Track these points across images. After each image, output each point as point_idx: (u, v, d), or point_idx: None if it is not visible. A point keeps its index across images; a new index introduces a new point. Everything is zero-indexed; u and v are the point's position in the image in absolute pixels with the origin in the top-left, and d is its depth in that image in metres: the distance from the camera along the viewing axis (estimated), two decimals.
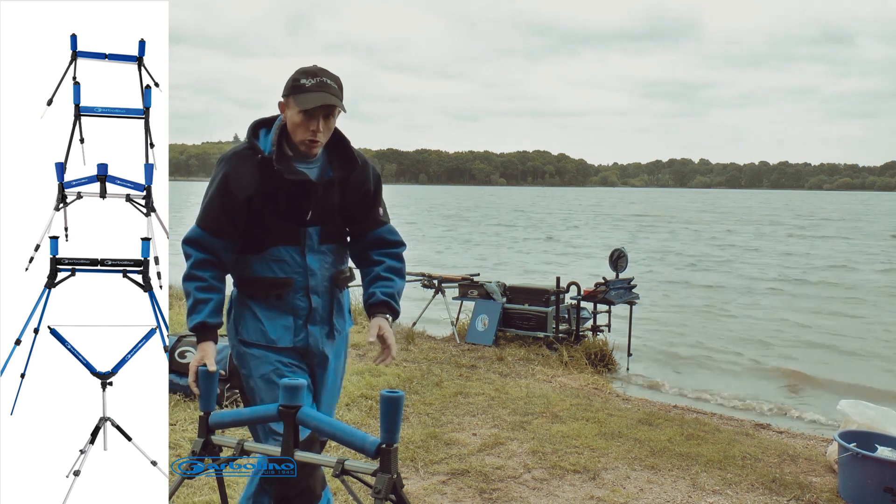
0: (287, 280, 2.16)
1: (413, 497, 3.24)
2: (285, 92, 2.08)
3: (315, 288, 2.19)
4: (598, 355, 6.62)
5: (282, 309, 2.18)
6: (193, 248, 2.14)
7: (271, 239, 2.14)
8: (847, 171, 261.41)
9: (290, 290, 2.17)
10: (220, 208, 2.12)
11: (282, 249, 2.15)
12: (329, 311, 2.24)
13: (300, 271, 2.16)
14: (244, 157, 2.12)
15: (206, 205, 2.15)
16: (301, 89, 2.03)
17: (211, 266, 2.15)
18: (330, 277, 2.22)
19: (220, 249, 2.15)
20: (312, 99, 2.02)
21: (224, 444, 1.88)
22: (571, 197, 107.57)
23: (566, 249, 22.41)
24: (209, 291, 2.14)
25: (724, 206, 74.52)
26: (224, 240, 2.14)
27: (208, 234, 2.13)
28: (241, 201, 2.10)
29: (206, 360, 2.05)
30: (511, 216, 45.36)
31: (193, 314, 2.13)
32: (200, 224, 2.15)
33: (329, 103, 2.03)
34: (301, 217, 2.14)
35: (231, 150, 2.17)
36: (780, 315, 10.98)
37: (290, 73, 2.09)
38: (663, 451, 3.98)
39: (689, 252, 21.95)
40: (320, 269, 2.19)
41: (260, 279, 2.17)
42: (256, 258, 2.16)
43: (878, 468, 3.28)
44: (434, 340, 7.13)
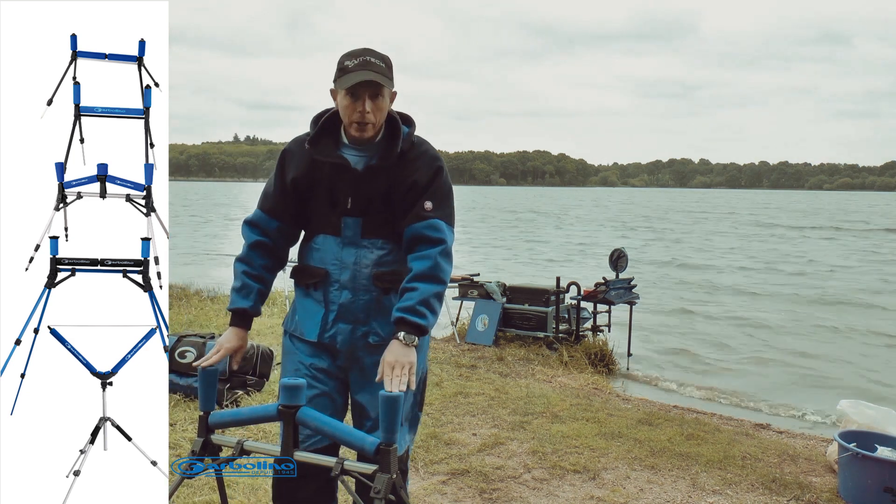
0: (321, 271, 2.10)
1: (413, 497, 3.23)
2: (334, 78, 2.03)
3: (346, 283, 2.08)
4: (598, 355, 6.62)
5: (315, 300, 2.13)
6: (250, 229, 2.17)
7: (315, 226, 2.13)
8: (847, 171, 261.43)
9: (325, 281, 2.10)
10: (275, 190, 2.15)
11: (322, 238, 2.11)
12: (367, 312, 2.08)
13: (336, 263, 2.09)
14: (299, 142, 2.14)
15: (265, 188, 2.20)
16: (345, 71, 1.97)
17: (264, 251, 2.17)
18: (371, 275, 2.07)
19: (276, 233, 2.16)
20: (354, 77, 1.94)
21: (224, 444, 1.88)
22: (567, 196, 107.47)
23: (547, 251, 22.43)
24: (255, 280, 2.15)
25: (719, 205, 74.49)
26: (281, 222, 2.15)
27: (266, 215, 2.16)
28: (290, 183, 2.10)
29: (237, 352, 2.11)
30: (506, 216, 45.36)
31: (237, 297, 2.14)
32: (260, 205, 2.19)
33: (370, 79, 1.94)
34: (340, 205, 2.08)
35: (294, 137, 2.19)
36: (781, 314, 10.99)
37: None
38: (663, 451, 3.98)
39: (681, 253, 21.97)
40: (356, 264, 2.07)
41: (303, 268, 2.15)
42: (307, 246, 2.17)
43: (878, 468, 3.28)
44: (434, 340, 7.13)
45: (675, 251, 22.45)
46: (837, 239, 28.86)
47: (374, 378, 2.01)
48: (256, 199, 2.23)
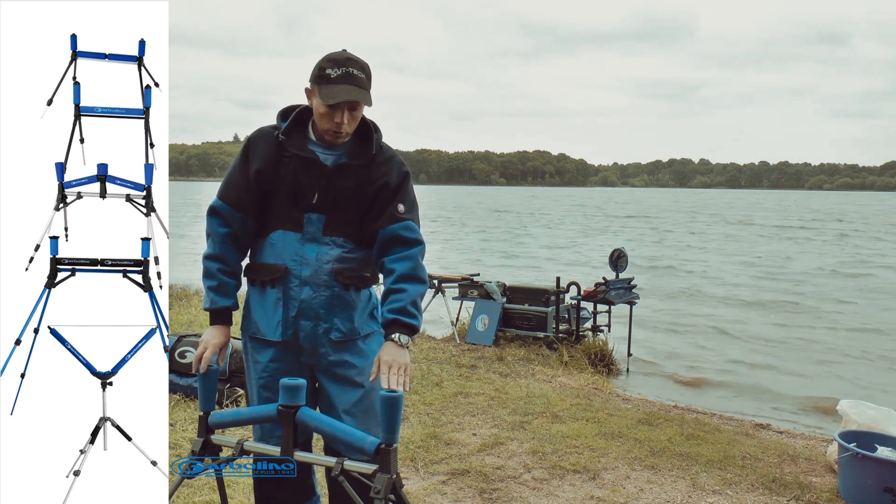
0: (280, 267, 2.07)
1: (413, 497, 3.23)
2: (311, 79, 2.03)
3: (308, 279, 2.06)
4: (598, 355, 6.62)
5: (274, 298, 2.09)
6: (217, 220, 2.12)
7: (274, 222, 2.09)
8: (847, 171, 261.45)
9: (284, 278, 2.07)
10: (238, 180, 2.11)
11: (281, 234, 2.08)
12: (328, 308, 2.08)
13: (296, 259, 2.07)
14: (265, 134, 2.12)
15: (228, 176, 2.15)
16: (326, 80, 1.97)
17: (233, 244, 2.13)
18: (332, 271, 2.07)
19: (240, 226, 2.12)
20: (337, 92, 1.95)
21: (224, 444, 1.88)
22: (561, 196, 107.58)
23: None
24: (231, 276, 2.14)
25: (714, 205, 74.52)
26: (244, 215, 2.11)
27: (231, 207, 2.11)
28: (253, 174, 2.08)
29: (223, 348, 2.09)
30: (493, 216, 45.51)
31: (217, 297, 2.11)
32: (222, 196, 2.13)
33: (354, 99, 1.97)
34: (305, 200, 2.07)
35: (259, 128, 2.17)
36: (784, 313, 11.00)
37: (317, 60, 2.02)
38: (663, 451, 3.98)
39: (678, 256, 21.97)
40: (317, 260, 2.06)
41: (259, 265, 2.11)
42: (261, 242, 2.12)
43: (878, 468, 3.28)
44: (434, 340, 7.13)
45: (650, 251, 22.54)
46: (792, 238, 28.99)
47: (339, 374, 2.12)
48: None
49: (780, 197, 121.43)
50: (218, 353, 2.11)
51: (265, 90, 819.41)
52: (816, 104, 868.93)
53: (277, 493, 2.21)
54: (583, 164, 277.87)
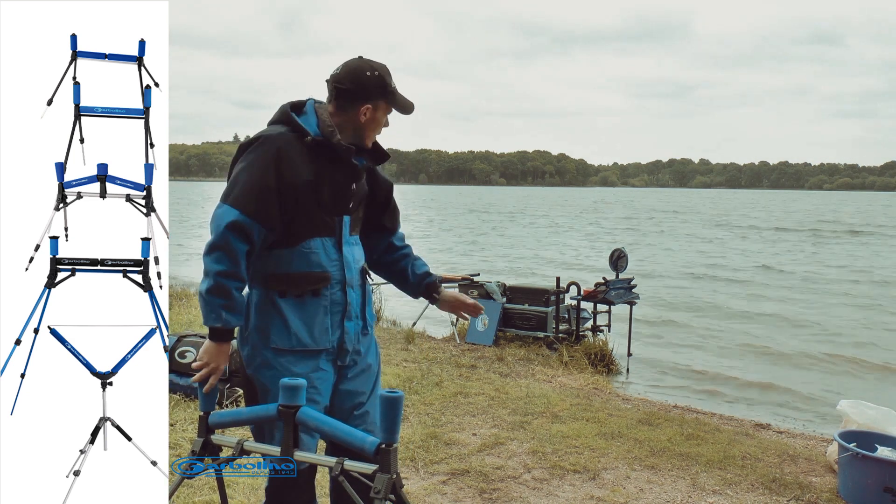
0: (324, 274, 2.05)
1: (413, 497, 3.23)
2: (375, 95, 2.07)
3: (351, 281, 2.10)
4: (598, 355, 6.62)
5: (317, 306, 2.04)
6: (237, 236, 1.92)
7: (307, 230, 2.02)
8: (847, 171, 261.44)
9: (328, 285, 2.06)
10: (265, 192, 1.94)
11: (318, 241, 2.04)
12: (362, 306, 2.17)
13: (336, 264, 2.07)
14: (288, 140, 2.00)
15: (249, 186, 1.95)
16: (394, 93, 2.11)
17: (247, 261, 1.98)
18: (361, 269, 2.17)
19: (257, 238, 1.96)
20: (408, 103, 2.14)
21: (224, 444, 1.88)
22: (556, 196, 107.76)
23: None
24: (243, 295, 2.03)
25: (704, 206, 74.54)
26: (265, 227, 1.96)
27: (251, 219, 1.93)
28: (295, 185, 1.97)
29: (221, 368, 2.02)
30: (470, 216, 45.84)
31: (230, 316, 1.97)
32: (244, 209, 1.93)
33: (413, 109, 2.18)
34: (344, 205, 2.10)
35: (274, 132, 2.02)
36: (783, 313, 11.00)
37: (356, 70, 2.06)
38: (663, 451, 3.98)
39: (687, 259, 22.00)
40: (354, 261, 2.13)
41: (295, 276, 2.02)
42: (290, 251, 2.02)
43: (878, 468, 3.28)
44: (434, 340, 7.13)
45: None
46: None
47: (367, 365, 2.22)
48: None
49: (770, 198, 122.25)
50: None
51: (260, 90, 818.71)
52: (815, 104, 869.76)
53: (291, 498, 2.12)
54: (583, 165, 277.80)
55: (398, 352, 6.37)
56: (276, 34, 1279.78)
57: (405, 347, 6.59)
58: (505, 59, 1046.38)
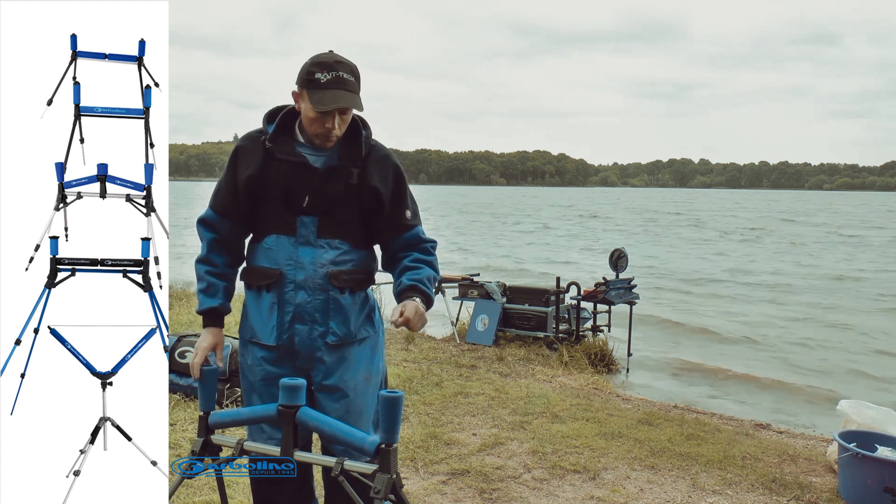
0: (275, 271, 2.06)
1: (413, 497, 3.23)
2: (299, 82, 1.98)
3: (303, 283, 2.05)
4: (598, 355, 6.62)
5: (269, 303, 2.08)
6: (204, 228, 2.17)
7: (268, 226, 2.09)
8: (847, 171, 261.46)
9: (279, 282, 2.06)
10: (226, 188, 2.13)
11: (275, 238, 2.08)
12: (323, 312, 2.07)
13: (290, 263, 2.05)
14: (253, 139, 2.11)
15: (217, 185, 2.18)
16: (316, 85, 1.93)
17: (222, 249, 2.16)
18: (327, 275, 2.05)
19: (228, 232, 2.15)
20: (329, 98, 1.92)
21: (224, 444, 1.89)
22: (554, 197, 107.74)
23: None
24: (219, 277, 2.15)
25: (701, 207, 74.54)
26: (231, 222, 2.14)
27: (217, 214, 2.14)
28: (243, 181, 2.07)
29: (216, 348, 2.12)
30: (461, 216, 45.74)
31: (205, 298, 2.14)
32: (210, 204, 2.17)
33: (346, 105, 1.95)
34: (296, 204, 2.05)
35: (248, 134, 2.15)
36: (784, 312, 11.01)
37: (305, 61, 1.98)
38: (663, 451, 3.98)
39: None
40: (312, 264, 2.05)
41: (254, 269, 2.12)
42: (255, 246, 2.14)
43: (878, 468, 3.28)
44: (434, 340, 7.13)
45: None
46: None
47: (335, 376, 2.10)
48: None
49: (770, 197, 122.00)
50: (215, 354, 2.12)
51: (258, 90, 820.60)
52: (814, 104, 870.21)
53: (277, 497, 2.19)
54: (583, 164, 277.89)
55: (398, 352, 6.37)
56: (274, 34, 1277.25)
57: (405, 347, 6.59)
58: (504, 59, 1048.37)
